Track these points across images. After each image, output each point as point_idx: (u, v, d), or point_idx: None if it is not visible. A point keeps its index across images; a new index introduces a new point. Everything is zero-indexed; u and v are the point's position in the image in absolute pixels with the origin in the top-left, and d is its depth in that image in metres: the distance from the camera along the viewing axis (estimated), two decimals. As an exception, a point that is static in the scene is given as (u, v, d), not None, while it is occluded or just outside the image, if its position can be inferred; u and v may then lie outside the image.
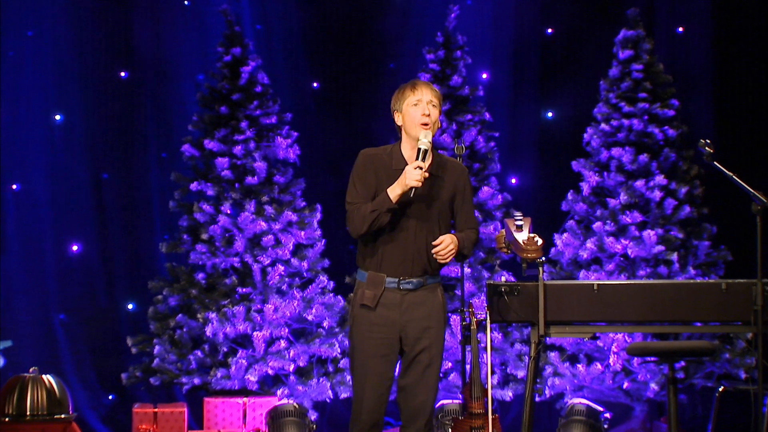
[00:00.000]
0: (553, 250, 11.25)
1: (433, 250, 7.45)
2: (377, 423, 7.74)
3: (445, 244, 7.44)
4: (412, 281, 7.60)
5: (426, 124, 7.54)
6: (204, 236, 11.26)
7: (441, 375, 11.00)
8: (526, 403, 8.76)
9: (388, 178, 7.53)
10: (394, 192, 7.43)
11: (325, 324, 11.19)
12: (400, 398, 7.79)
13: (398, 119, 7.69)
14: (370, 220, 7.49)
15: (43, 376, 8.48)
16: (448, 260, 7.48)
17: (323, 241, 11.45)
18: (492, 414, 8.89)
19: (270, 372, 11.06)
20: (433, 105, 7.61)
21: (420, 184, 7.39)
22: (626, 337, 10.67)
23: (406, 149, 7.63)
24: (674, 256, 11.02)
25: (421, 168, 7.39)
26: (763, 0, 11.88)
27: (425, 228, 7.58)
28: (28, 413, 8.35)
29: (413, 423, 7.75)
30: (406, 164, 7.49)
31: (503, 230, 8.58)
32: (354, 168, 7.70)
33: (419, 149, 7.44)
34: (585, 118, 11.54)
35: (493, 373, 9.82)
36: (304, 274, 11.25)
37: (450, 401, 10.71)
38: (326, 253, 11.47)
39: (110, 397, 11.85)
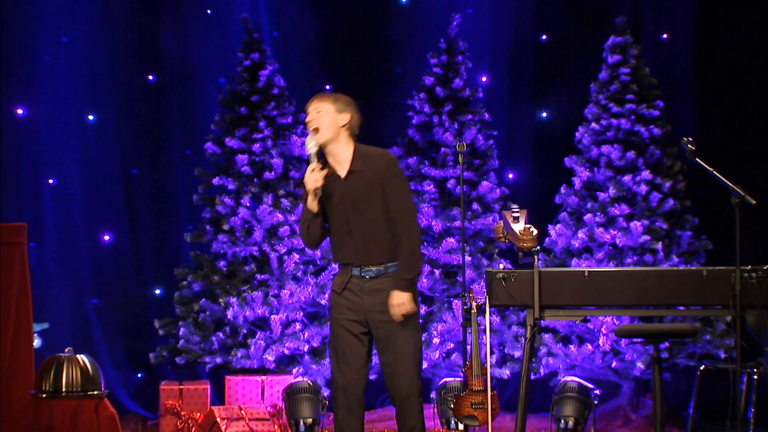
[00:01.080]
0: (547, 239, 11.22)
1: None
2: (356, 396, 7.76)
3: (397, 311, 7.55)
4: (371, 270, 7.67)
5: (315, 130, 7.55)
6: (225, 227, 11.23)
7: (441, 356, 11.03)
8: (523, 380, 8.72)
9: (325, 188, 7.62)
10: (308, 201, 7.52)
11: (336, 308, 11.17)
12: (384, 375, 7.88)
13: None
14: (304, 231, 7.69)
15: (78, 355, 8.45)
16: (409, 312, 7.57)
17: (335, 231, 11.42)
18: (491, 391, 8.87)
19: (286, 352, 11.03)
20: (317, 111, 7.64)
21: (319, 183, 7.49)
22: (614, 320, 10.63)
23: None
24: (659, 246, 10.99)
25: (315, 170, 7.47)
26: (742, 9, 11.84)
27: (364, 220, 7.60)
28: (63, 390, 8.31)
29: (396, 398, 7.80)
30: (324, 168, 7.58)
31: (501, 221, 8.56)
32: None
33: (310, 152, 7.50)
34: (577, 118, 11.50)
35: (492, 353, 9.78)
36: (318, 262, 11.21)
37: (452, 379, 10.67)
38: (338, 242, 11.44)
39: (139, 375, 11.83)
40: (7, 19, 11.75)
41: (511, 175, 11.90)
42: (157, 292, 11.91)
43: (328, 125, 7.64)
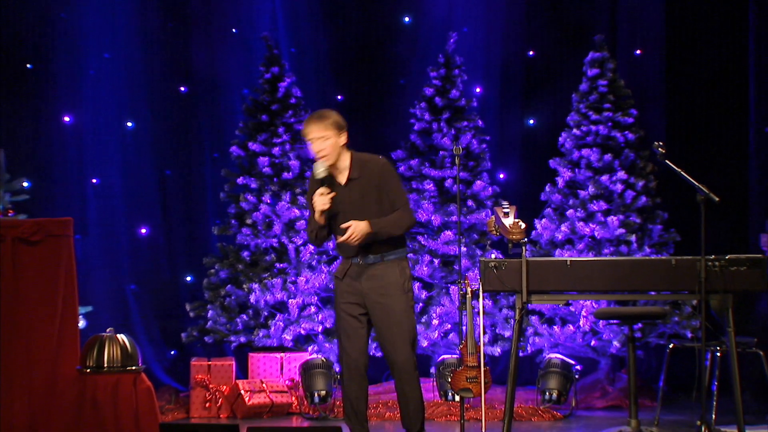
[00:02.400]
0: (534, 232, 11.21)
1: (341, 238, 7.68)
2: (358, 370, 7.92)
3: (350, 231, 7.62)
4: (370, 257, 7.77)
5: (323, 158, 7.74)
6: (248, 221, 11.24)
7: (440, 336, 11.03)
8: (512, 357, 8.72)
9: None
10: (316, 216, 7.76)
11: (347, 293, 11.17)
12: (382, 351, 8.00)
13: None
14: (312, 237, 7.93)
15: (118, 335, 8.46)
16: (356, 242, 7.63)
17: (346, 225, 11.43)
18: (484, 366, 8.87)
19: (302, 332, 11.03)
20: (323, 139, 7.75)
21: (327, 207, 7.70)
22: (593, 304, 10.63)
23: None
24: (633, 238, 10.98)
25: (323, 194, 7.69)
26: (707, 29, 11.83)
27: (366, 213, 7.77)
28: (105, 365, 8.32)
29: (394, 372, 7.98)
30: (330, 180, 7.77)
31: (493, 216, 8.56)
32: (307, 194, 8.10)
33: (317, 177, 7.73)
34: (560, 125, 11.48)
35: (484, 333, 9.78)
36: (330, 252, 11.21)
37: (449, 356, 10.68)
38: (348, 235, 11.45)
39: (172, 352, 11.83)
40: (57, 39, 11.76)
41: (501, 175, 11.89)
42: (188, 278, 11.91)
43: (333, 149, 7.79)
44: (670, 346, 10.10)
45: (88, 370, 8.32)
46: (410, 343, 7.96)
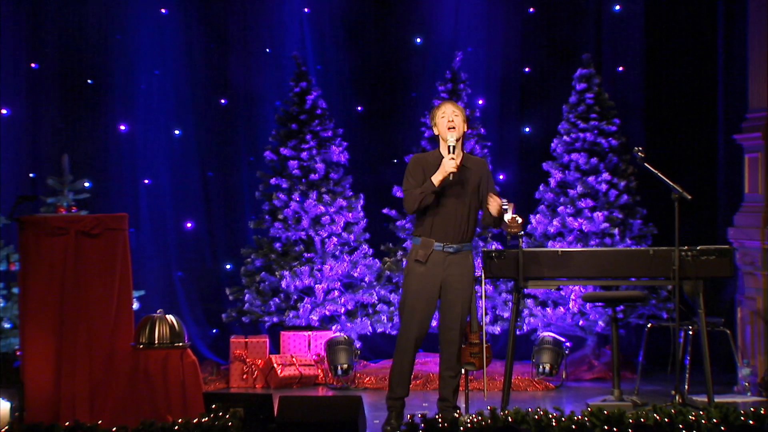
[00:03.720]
0: (529, 226, 11.22)
1: (492, 203, 7.76)
2: (419, 342, 8.01)
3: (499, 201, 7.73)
4: (453, 246, 7.85)
5: (452, 128, 7.66)
6: (280, 217, 11.27)
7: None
8: (510, 335, 8.77)
9: (431, 171, 7.74)
10: (436, 178, 7.71)
11: (366, 279, 11.19)
12: (441, 331, 7.98)
13: (435, 130, 7.92)
14: (419, 200, 7.78)
15: (167, 315, 8.49)
16: (496, 213, 7.76)
17: (365, 220, 11.44)
18: (485, 343, 8.90)
19: (327, 313, 11.06)
20: (455, 114, 7.78)
21: (455, 169, 7.70)
22: (581, 289, 10.65)
23: (443, 150, 7.83)
24: (616, 231, 10.99)
25: (453, 159, 7.54)
26: (682, 47, 11.83)
27: (461, 205, 7.84)
28: (156, 342, 8.35)
29: (446, 347, 8.03)
30: (454, 150, 7.74)
31: (493, 212, 8.58)
32: (407, 167, 8.02)
33: (449, 146, 7.65)
34: (552, 132, 11.49)
35: (486, 314, 9.82)
36: (351, 243, 11.25)
37: (455, 334, 10.72)
38: (367, 228, 11.46)
39: (214, 331, 11.86)
40: (114, 58, 11.82)
41: (501, 176, 11.90)
42: (228, 266, 11.94)
43: (461, 127, 7.82)
44: (648, 325, 10.13)
45: (141, 346, 8.36)
46: (464, 320, 8.08)
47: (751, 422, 7.49)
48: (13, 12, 11.65)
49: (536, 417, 7.64)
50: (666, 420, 7.59)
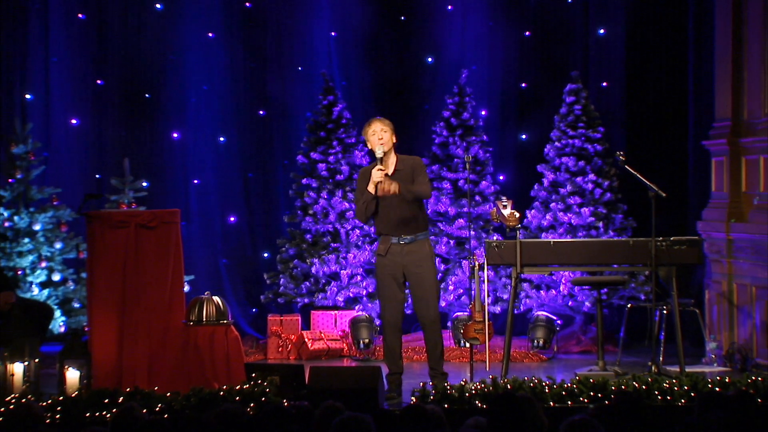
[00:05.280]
0: (525, 220, 11.20)
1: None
2: (397, 324, 8.06)
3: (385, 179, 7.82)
4: (406, 238, 7.85)
5: (381, 143, 7.88)
6: (310, 212, 11.28)
7: (455, 298, 11.06)
8: (509, 314, 8.77)
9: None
10: (370, 187, 7.85)
11: (384, 266, 11.20)
12: (415, 309, 8.01)
13: (369, 145, 8.03)
14: (363, 209, 8.09)
15: (213, 297, 8.51)
16: (386, 185, 7.78)
17: (384, 214, 11.46)
18: (487, 321, 8.91)
19: (351, 295, 11.07)
20: (384, 131, 7.91)
21: (382, 178, 7.83)
22: (571, 274, 10.63)
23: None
24: (600, 224, 10.97)
25: (381, 169, 7.77)
26: (657, 65, 11.80)
27: (403, 202, 7.87)
28: (204, 320, 8.38)
29: (425, 324, 8.05)
30: (383, 162, 7.89)
31: (495, 208, 8.60)
32: (357, 180, 8.15)
33: (378, 158, 7.84)
34: (545, 139, 11.46)
35: (488, 296, 9.81)
36: (372, 235, 11.24)
37: (462, 313, 10.71)
38: (386, 222, 11.48)
39: (253, 310, 11.88)
40: (167, 75, 11.87)
41: (501, 177, 11.88)
42: (265, 255, 11.95)
43: (388, 141, 7.84)
44: (629, 305, 10.12)
45: (191, 323, 8.40)
46: (437, 301, 8.09)
47: (717, 389, 7.51)
48: (83, 35, 11.74)
49: (531, 384, 7.66)
50: (644, 387, 7.60)
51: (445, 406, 7.31)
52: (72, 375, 7.90)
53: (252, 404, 7.40)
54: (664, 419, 7.12)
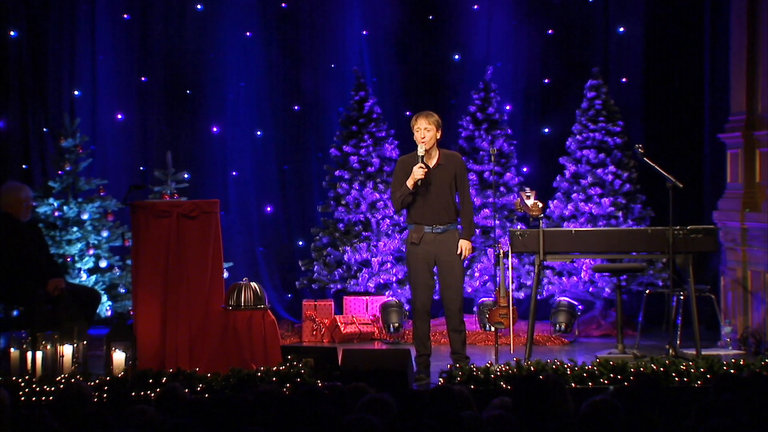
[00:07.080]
0: (548, 210, 11.17)
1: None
2: (427, 310, 8.04)
3: (465, 252, 7.96)
4: (440, 227, 7.86)
5: (422, 141, 7.88)
6: (343, 202, 11.29)
7: (480, 284, 11.06)
8: (532, 299, 8.76)
9: (411, 170, 7.86)
10: (409, 183, 7.84)
11: (413, 253, 11.21)
12: (443, 296, 8.00)
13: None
14: (399, 201, 8.00)
15: (251, 283, 8.54)
16: (421, 178, 7.83)
17: (413, 205, 11.47)
18: (512, 306, 8.90)
19: (381, 281, 11.08)
20: (427, 130, 7.87)
21: (423, 176, 7.83)
22: (591, 261, 10.59)
23: (420, 152, 7.95)
24: (620, 214, 10.92)
25: (422, 167, 7.76)
26: (675, 61, 11.73)
27: (440, 196, 7.95)
28: (242, 304, 8.42)
29: (450, 309, 8.00)
30: (424, 160, 7.88)
31: (519, 199, 8.59)
32: (394, 169, 8.17)
33: (419, 156, 7.85)
34: (567, 132, 11.42)
35: (512, 282, 9.79)
36: (401, 224, 11.24)
37: (487, 299, 10.70)
38: (414, 212, 11.48)
39: (289, 295, 11.91)
40: (207, 72, 11.92)
41: (525, 169, 11.85)
42: (300, 243, 11.98)
43: (430, 139, 7.84)
44: (647, 291, 10.08)
45: (230, 308, 8.43)
46: (462, 292, 8.09)
47: (732, 371, 7.49)
48: (128, 35, 11.80)
49: (554, 366, 7.66)
50: (661, 369, 7.58)
51: (472, 387, 7.32)
52: (118, 356, 7.96)
53: (288, 385, 7.44)
54: (681, 400, 7.10)
